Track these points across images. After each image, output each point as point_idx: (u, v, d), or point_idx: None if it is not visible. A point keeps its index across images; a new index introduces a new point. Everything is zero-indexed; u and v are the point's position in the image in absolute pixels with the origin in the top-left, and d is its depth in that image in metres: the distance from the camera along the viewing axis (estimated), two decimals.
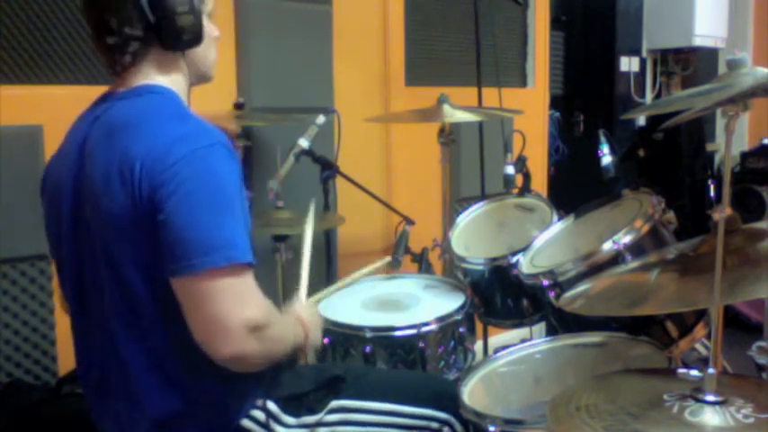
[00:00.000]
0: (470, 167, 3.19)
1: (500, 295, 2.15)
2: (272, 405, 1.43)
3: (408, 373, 1.85)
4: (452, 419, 1.58)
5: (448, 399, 1.58)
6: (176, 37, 1.36)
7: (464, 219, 2.38)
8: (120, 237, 1.27)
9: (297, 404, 1.46)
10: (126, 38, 1.34)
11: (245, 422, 1.41)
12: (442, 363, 1.91)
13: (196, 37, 1.39)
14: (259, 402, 1.42)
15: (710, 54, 5.04)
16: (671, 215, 1.82)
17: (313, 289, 1.70)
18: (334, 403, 1.51)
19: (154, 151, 1.24)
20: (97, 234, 1.31)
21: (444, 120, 2.46)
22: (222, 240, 1.22)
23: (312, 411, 1.48)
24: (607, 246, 1.73)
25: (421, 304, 2.05)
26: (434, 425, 1.57)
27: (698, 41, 4.57)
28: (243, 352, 1.23)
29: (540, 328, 2.41)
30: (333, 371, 1.58)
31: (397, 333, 1.87)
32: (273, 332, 1.29)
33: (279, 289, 2.38)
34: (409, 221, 2.44)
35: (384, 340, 1.86)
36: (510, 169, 2.34)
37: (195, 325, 1.23)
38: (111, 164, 1.27)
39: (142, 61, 1.38)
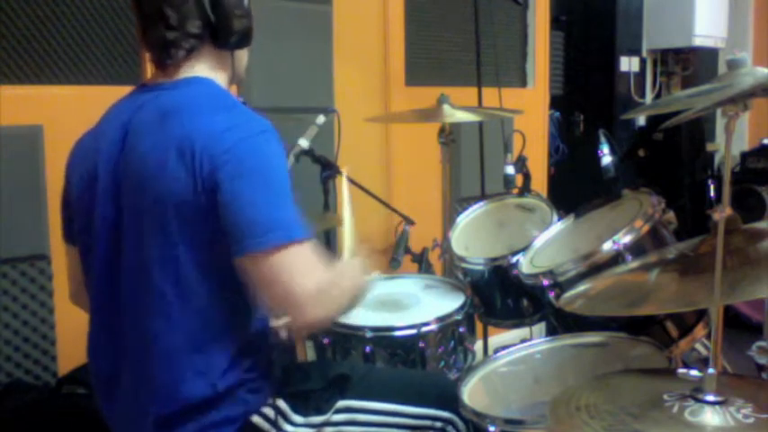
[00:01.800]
0: (470, 167, 3.19)
1: (500, 295, 2.15)
2: (281, 403, 1.45)
3: (411, 372, 1.85)
4: (455, 418, 1.59)
5: (450, 398, 1.59)
6: (231, 37, 1.43)
7: (464, 219, 2.37)
8: (178, 214, 1.31)
9: (305, 403, 1.48)
10: (185, 34, 1.39)
11: (255, 419, 1.43)
12: (442, 363, 1.91)
13: (247, 38, 1.47)
14: (270, 400, 1.44)
15: (710, 54, 5.04)
16: (671, 215, 1.82)
17: None
18: (341, 403, 1.52)
19: (213, 133, 1.30)
20: (149, 213, 1.33)
21: (444, 120, 2.46)
22: (282, 219, 1.29)
23: (319, 411, 1.49)
24: (607, 246, 1.73)
25: (421, 304, 2.05)
26: (438, 424, 1.58)
27: (698, 41, 4.57)
28: (316, 318, 1.32)
29: (540, 328, 2.41)
30: (338, 369, 1.60)
31: (397, 333, 1.87)
32: (338, 289, 1.38)
33: None
34: (409, 221, 2.44)
35: (384, 340, 1.86)
36: (510, 169, 2.34)
37: (269, 300, 1.33)
38: (167, 146, 1.31)
39: (195, 57, 1.43)
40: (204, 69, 1.44)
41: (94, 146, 1.44)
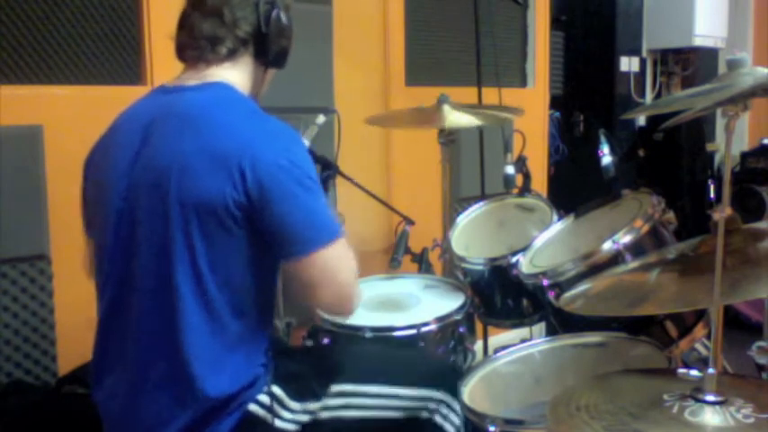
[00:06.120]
0: (470, 167, 3.19)
1: (500, 295, 2.15)
2: (276, 389, 1.45)
3: (403, 353, 1.84)
4: (447, 398, 1.60)
5: (442, 377, 1.61)
6: (273, 52, 1.49)
7: (464, 219, 2.38)
8: (203, 217, 1.32)
9: (298, 387, 1.48)
10: (233, 34, 1.44)
11: (253, 407, 1.43)
12: None
13: (284, 60, 1.54)
14: (265, 388, 1.44)
15: (710, 54, 5.04)
16: (671, 215, 1.82)
17: None
18: (335, 388, 1.52)
19: (254, 146, 1.34)
20: (169, 212, 1.34)
21: (444, 119, 2.45)
22: (329, 218, 1.41)
23: (316, 397, 1.49)
24: (607, 246, 1.73)
25: (421, 304, 2.05)
26: (431, 405, 1.58)
27: (698, 41, 4.57)
28: (359, 297, 1.49)
29: (540, 328, 2.41)
30: (327, 354, 1.63)
31: (397, 333, 1.86)
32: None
33: (278, 285, 2.38)
34: (409, 221, 2.43)
35: (384, 340, 1.86)
36: (510, 169, 2.33)
37: (328, 293, 1.43)
38: (197, 150, 1.33)
39: (231, 61, 1.46)
40: (233, 76, 1.46)
41: (113, 144, 1.45)
